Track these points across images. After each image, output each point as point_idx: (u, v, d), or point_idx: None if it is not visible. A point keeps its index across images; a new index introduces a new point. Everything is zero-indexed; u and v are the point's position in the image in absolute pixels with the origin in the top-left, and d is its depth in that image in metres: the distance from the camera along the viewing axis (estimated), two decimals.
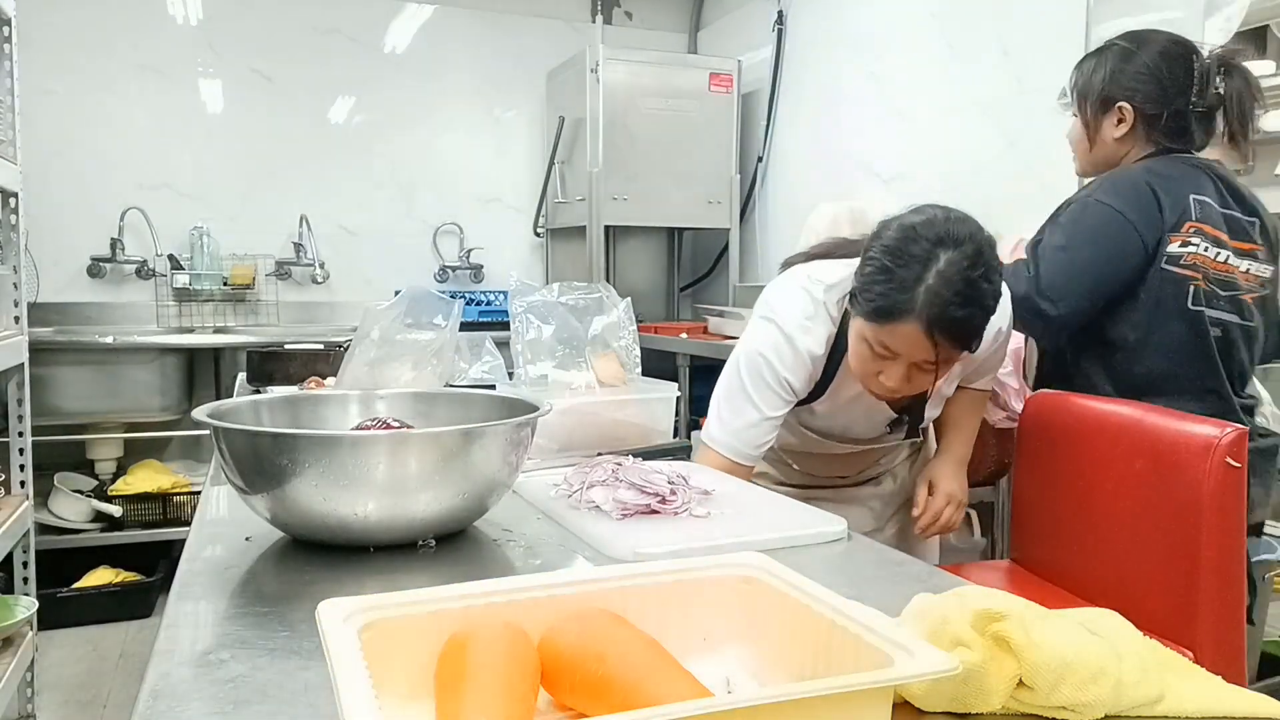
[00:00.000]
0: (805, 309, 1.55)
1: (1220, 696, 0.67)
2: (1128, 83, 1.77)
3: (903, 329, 1.34)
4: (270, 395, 1.43)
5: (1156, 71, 1.76)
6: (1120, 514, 1.61)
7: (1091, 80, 1.83)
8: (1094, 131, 1.83)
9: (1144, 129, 1.77)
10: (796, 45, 3.85)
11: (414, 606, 0.63)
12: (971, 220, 1.38)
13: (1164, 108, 1.75)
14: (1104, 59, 1.83)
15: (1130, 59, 1.79)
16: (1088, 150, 1.86)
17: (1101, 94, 1.81)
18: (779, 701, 0.51)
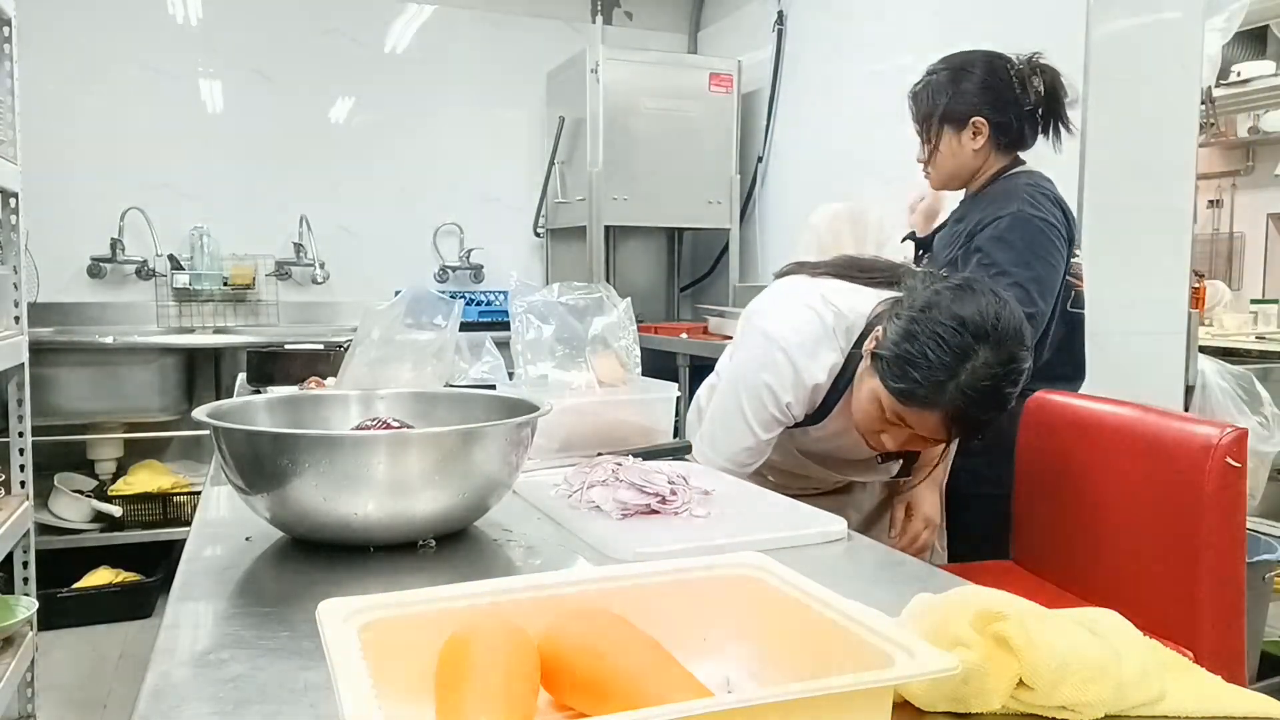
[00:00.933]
0: (813, 333, 1.51)
1: (1220, 696, 0.67)
2: (974, 99, 1.94)
3: (924, 414, 1.35)
4: (270, 395, 1.43)
5: (992, 84, 1.94)
6: (1120, 514, 1.61)
7: (937, 103, 1.97)
8: (947, 148, 1.98)
9: (995, 138, 1.95)
10: (796, 45, 3.85)
11: (414, 606, 0.63)
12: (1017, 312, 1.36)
13: (1007, 115, 1.93)
14: (941, 84, 1.98)
15: (966, 78, 1.96)
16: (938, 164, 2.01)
17: (953, 114, 1.96)
18: (779, 701, 0.51)
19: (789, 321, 1.54)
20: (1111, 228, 2.58)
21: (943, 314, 1.33)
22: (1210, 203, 4.87)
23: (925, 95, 1.99)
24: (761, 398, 1.52)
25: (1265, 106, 4.40)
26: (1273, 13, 4.03)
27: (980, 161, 1.97)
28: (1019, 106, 1.94)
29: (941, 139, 1.97)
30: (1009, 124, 1.94)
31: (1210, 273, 4.72)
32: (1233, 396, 2.79)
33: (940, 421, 1.35)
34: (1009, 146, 1.98)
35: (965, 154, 1.97)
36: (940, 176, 2.03)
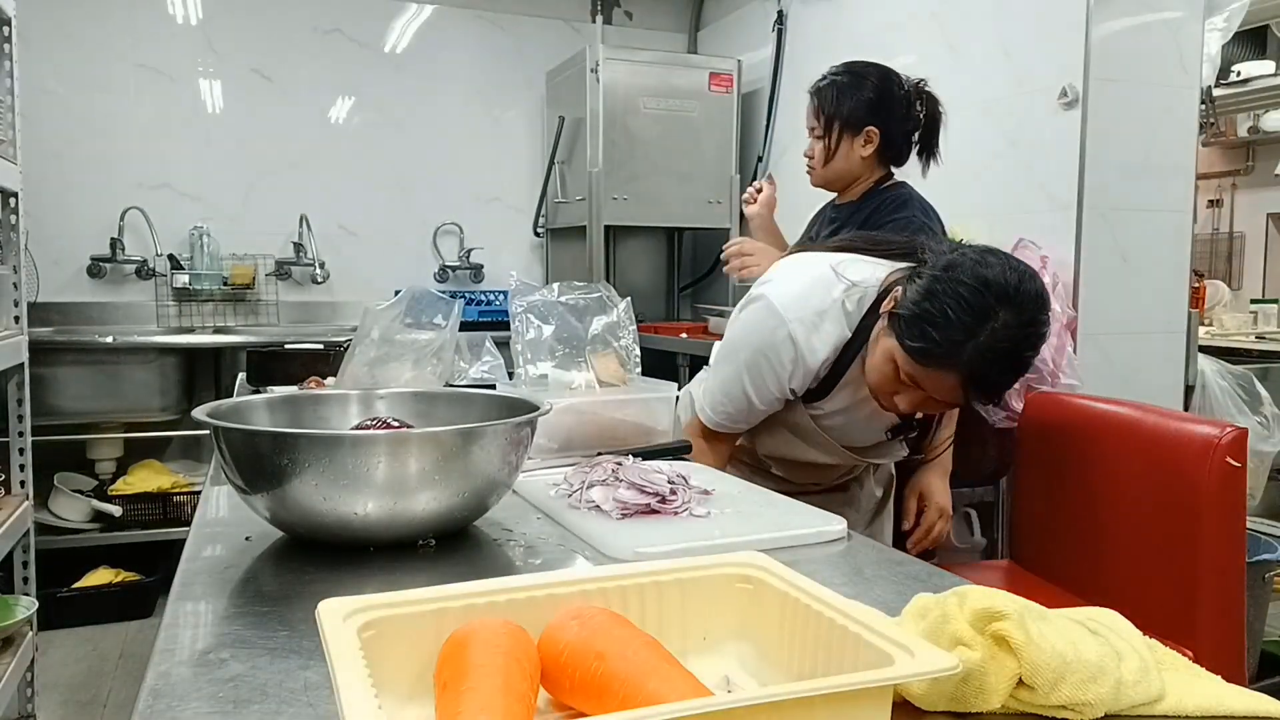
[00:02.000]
0: (817, 305, 1.50)
1: (1220, 695, 0.67)
2: (871, 109, 2.05)
3: (939, 375, 1.34)
4: (270, 395, 1.43)
5: (886, 99, 2.06)
6: (1120, 514, 1.61)
7: (840, 106, 2.06)
8: (838, 150, 2.07)
9: (883, 150, 2.07)
10: (796, 45, 3.85)
11: (414, 606, 0.63)
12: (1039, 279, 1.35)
13: (895, 130, 2.06)
14: (845, 88, 2.07)
15: (867, 88, 2.06)
16: (824, 164, 2.10)
17: (853, 118, 2.05)
18: (779, 700, 0.51)
19: (793, 290, 1.53)
20: (1111, 228, 2.58)
21: (965, 274, 1.32)
22: (1210, 203, 4.87)
23: (830, 95, 2.07)
24: (762, 373, 1.52)
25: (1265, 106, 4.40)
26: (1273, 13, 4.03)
27: (865, 169, 2.09)
28: (904, 124, 2.08)
29: (840, 142, 2.07)
30: (895, 138, 2.07)
31: (1210, 273, 4.73)
32: (1233, 396, 2.79)
33: (956, 383, 1.33)
34: (890, 160, 2.11)
35: (855, 159, 2.07)
36: (825, 176, 2.12)
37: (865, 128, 2.05)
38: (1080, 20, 2.51)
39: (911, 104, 2.09)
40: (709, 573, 0.71)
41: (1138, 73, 2.57)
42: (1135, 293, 2.63)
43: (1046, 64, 2.63)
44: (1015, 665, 0.65)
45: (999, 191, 2.82)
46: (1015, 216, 2.74)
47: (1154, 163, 2.61)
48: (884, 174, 2.13)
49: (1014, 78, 2.76)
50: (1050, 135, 2.62)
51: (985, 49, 2.87)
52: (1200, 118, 2.71)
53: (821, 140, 2.08)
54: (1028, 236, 2.63)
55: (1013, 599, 0.68)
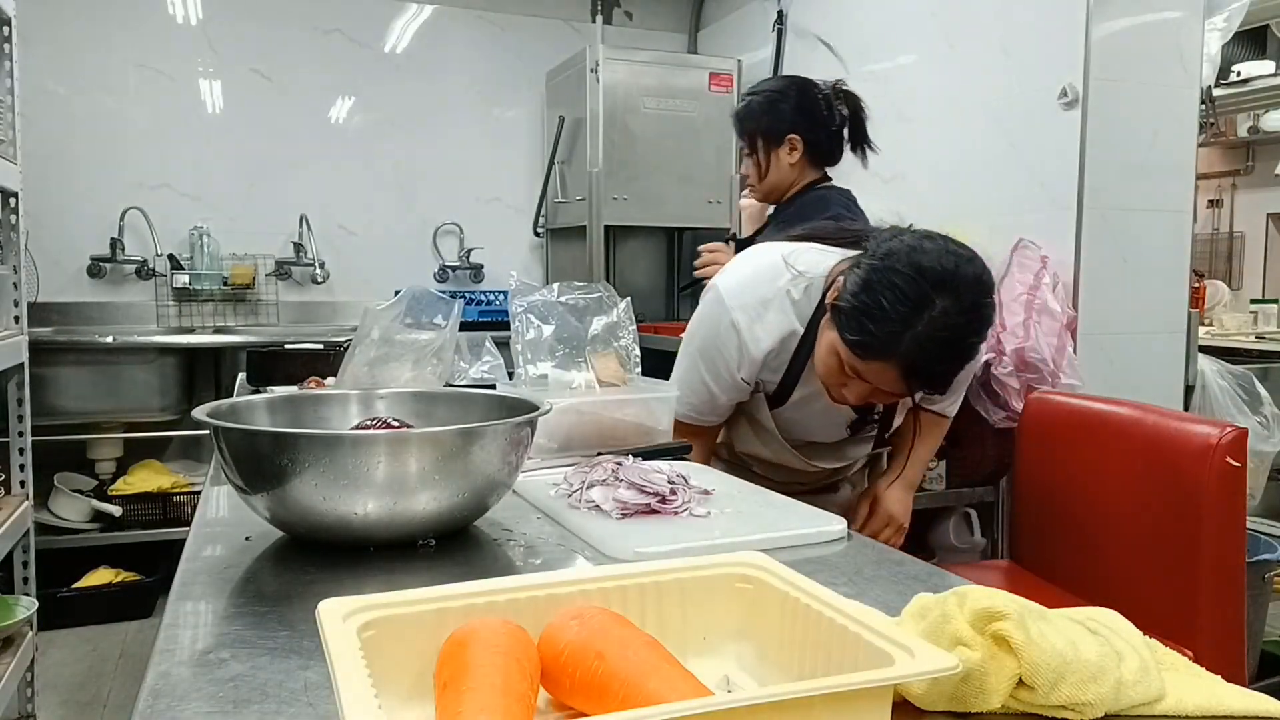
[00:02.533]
0: (762, 293, 1.50)
1: (1220, 695, 0.67)
2: (791, 118, 2.18)
3: (880, 366, 1.32)
4: (270, 395, 1.43)
5: (804, 106, 2.19)
6: (1120, 514, 1.61)
7: (760, 122, 2.20)
8: (769, 163, 2.21)
9: (809, 154, 2.21)
10: (796, 45, 3.85)
11: (414, 606, 0.63)
12: (979, 261, 1.32)
13: (818, 133, 2.20)
14: (761, 105, 2.20)
15: (784, 99, 2.20)
16: (760, 180, 2.24)
17: (773, 130, 2.19)
18: (778, 700, 0.51)
19: (739, 279, 1.54)
20: (1111, 228, 2.58)
21: (900, 263, 1.29)
22: (1210, 203, 4.87)
23: (749, 114, 2.22)
24: (715, 364, 1.54)
25: (1265, 106, 4.40)
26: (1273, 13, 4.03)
27: (796, 175, 2.23)
28: (827, 126, 2.20)
29: (766, 154, 2.21)
30: (819, 141, 2.20)
31: (1210, 273, 4.73)
32: (1233, 396, 2.79)
33: (897, 374, 1.31)
34: (820, 162, 2.25)
35: (785, 168, 2.21)
36: (765, 190, 2.27)
37: (787, 136, 2.19)
38: (1080, 20, 2.51)
39: (831, 105, 2.20)
40: (709, 573, 0.71)
41: (1138, 73, 2.57)
42: (1135, 293, 2.63)
43: (1046, 64, 2.63)
44: (1015, 665, 0.65)
45: (999, 191, 2.82)
46: (1015, 216, 2.74)
47: (1154, 163, 2.61)
48: (817, 176, 2.26)
49: (1014, 78, 2.76)
50: (1050, 135, 2.62)
51: (985, 49, 2.87)
52: (1200, 118, 2.71)
53: (753, 157, 2.23)
54: (1028, 236, 2.63)
55: (1013, 599, 0.68)
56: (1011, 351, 2.49)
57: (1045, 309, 2.48)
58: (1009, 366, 2.49)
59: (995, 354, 2.54)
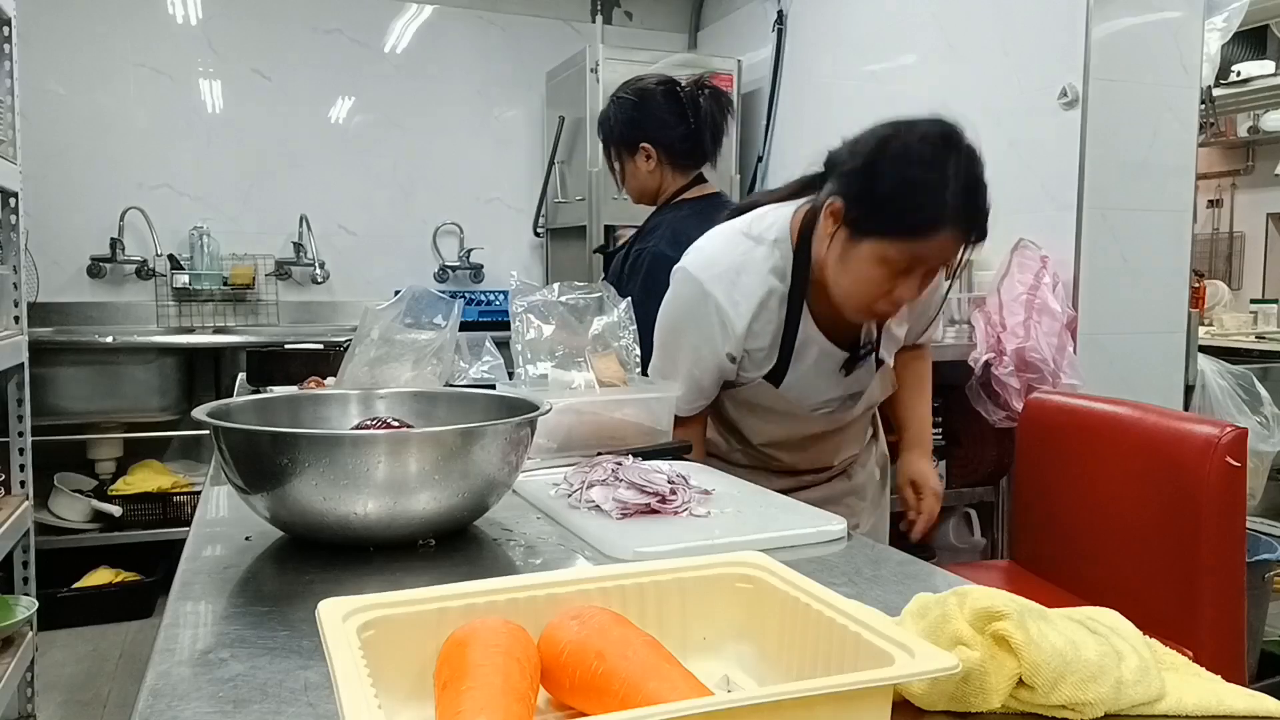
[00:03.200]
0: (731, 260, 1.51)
1: (1220, 695, 0.67)
2: (644, 125, 2.14)
3: (940, 237, 1.35)
4: (270, 395, 1.43)
5: (660, 109, 2.14)
6: (1120, 514, 1.61)
7: (612, 134, 2.18)
8: (629, 171, 2.20)
9: (667, 158, 2.15)
10: (796, 45, 3.85)
11: (414, 605, 0.63)
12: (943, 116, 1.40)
13: (673, 138, 2.13)
14: (618, 111, 2.17)
15: (638, 107, 2.15)
16: (626, 185, 2.24)
17: (625, 141, 2.16)
18: (778, 700, 0.51)
19: (704, 254, 1.55)
20: (1111, 228, 2.58)
21: (897, 144, 1.36)
22: (1210, 203, 4.87)
23: (604, 126, 2.21)
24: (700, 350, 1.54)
25: (1265, 106, 4.40)
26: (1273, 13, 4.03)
27: (658, 181, 2.18)
28: (679, 129, 2.13)
29: (624, 163, 2.20)
30: (674, 146, 2.14)
31: (1210, 273, 4.73)
32: (1233, 396, 2.79)
33: (958, 235, 1.36)
34: (684, 166, 2.17)
35: (643, 175, 2.18)
36: (631, 195, 2.27)
37: (640, 145, 2.15)
38: (1080, 20, 2.51)
39: (695, 103, 2.14)
40: (709, 572, 0.71)
41: (1138, 73, 2.57)
42: (1135, 293, 2.63)
43: (1046, 64, 2.63)
44: (1015, 665, 0.65)
45: (999, 191, 2.79)
46: (1015, 216, 2.74)
47: (1154, 163, 2.61)
48: (687, 180, 2.19)
49: (1014, 78, 2.76)
50: (1050, 135, 2.62)
51: (985, 49, 2.87)
52: (1200, 118, 2.71)
53: (614, 167, 2.24)
54: (1028, 236, 2.63)
55: (1013, 599, 0.68)
56: (1011, 351, 2.49)
57: (1045, 309, 2.48)
58: (1009, 366, 2.49)
59: (995, 354, 2.54)
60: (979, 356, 2.59)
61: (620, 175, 2.23)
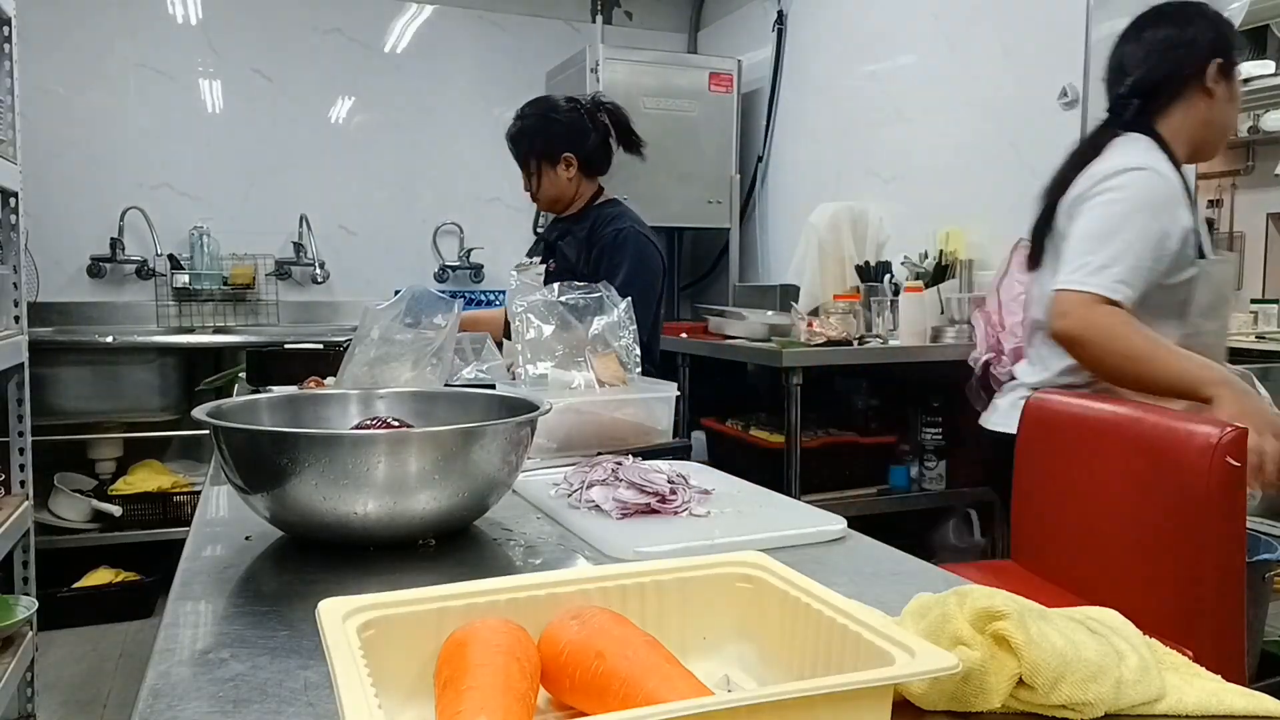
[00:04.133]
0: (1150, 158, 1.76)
1: (1220, 694, 0.67)
2: (561, 139, 2.38)
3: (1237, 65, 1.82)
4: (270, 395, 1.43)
5: (573, 124, 2.38)
6: (1120, 514, 1.61)
7: (534, 146, 2.40)
8: (547, 180, 2.42)
9: (583, 168, 2.41)
10: (796, 45, 3.85)
11: (414, 605, 0.63)
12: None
13: (588, 148, 2.40)
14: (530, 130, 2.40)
15: (554, 123, 2.38)
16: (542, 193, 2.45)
17: (548, 151, 2.39)
18: (779, 700, 0.51)
19: (1138, 155, 1.76)
20: None
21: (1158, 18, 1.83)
22: (1210, 203, 4.87)
23: (522, 139, 2.41)
24: (1167, 227, 1.69)
25: (1265, 106, 4.39)
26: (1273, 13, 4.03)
27: (575, 187, 2.44)
28: (593, 139, 2.40)
29: (542, 173, 2.41)
30: (590, 155, 2.40)
31: None
32: None
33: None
34: (593, 173, 2.45)
35: (562, 183, 2.42)
36: (544, 203, 2.50)
37: (562, 155, 2.38)
38: (1080, 20, 2.51)
39: (594, 118, 2.41)
40: (709, 572, 0.71)
41: None
42: None
43: (1046, 64, 2.63)
44: (1015, 664, 0.65)
45: (999, 191, 2.82)
46: (1015, 216, 2.73)
47: None
48: (596, 188, 2.48)
49: (1014, 78, 2.76)
50: (1050, 135, 2.62)
51: (985, 49, 2.87)
52: None
53: (532, 177, 2.43)
54: (1027, 237, 2.63)
55: (1012, 598, 0.68)
56: (1011, 351, 2.49)
57: None
58: (1009, 366, 2.49)
59: (995, 354, 2.54)
60: (979, 356, 2.59)
61: (536, 184, 2.42)
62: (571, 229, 2.45)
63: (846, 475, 2.80)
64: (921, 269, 2.93)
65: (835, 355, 2.65)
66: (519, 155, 2.43)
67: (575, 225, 2.45)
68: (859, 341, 2.75)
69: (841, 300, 2.93)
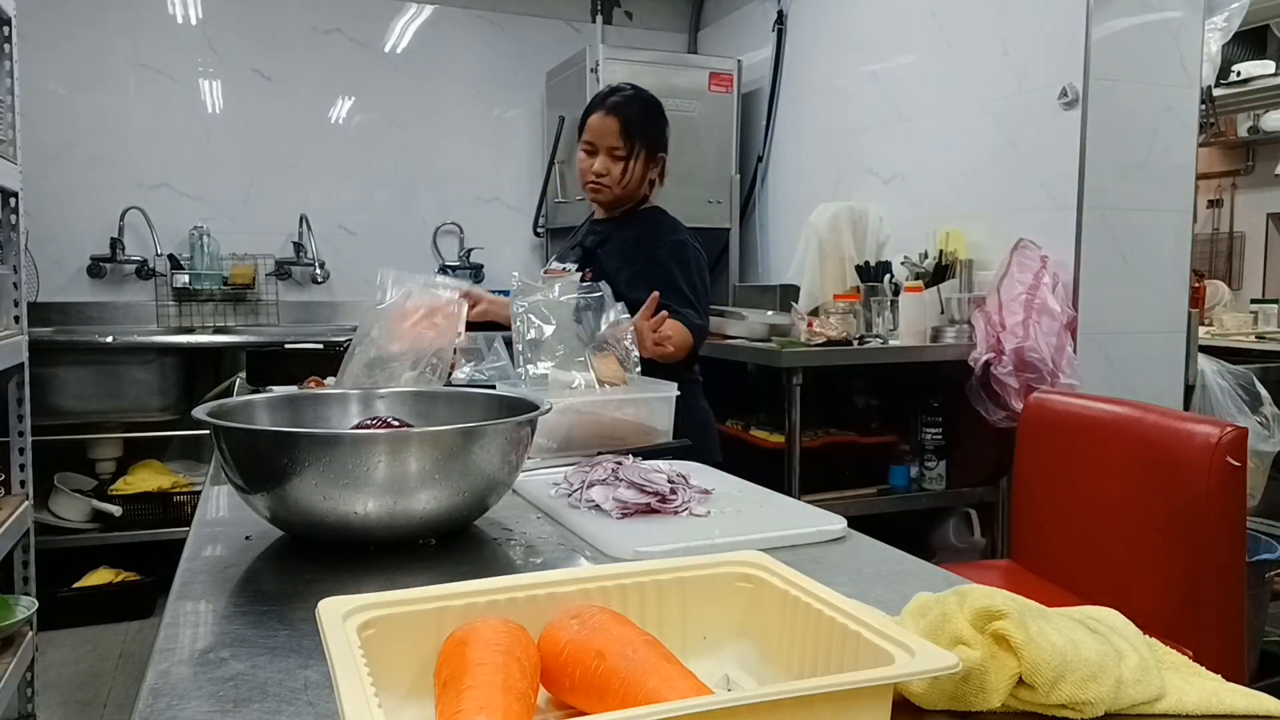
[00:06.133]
0: None
1: (1220, 694, 0.67)
2: (663, 136, 2.13)
3: None
4: (270, 395, 1.43)
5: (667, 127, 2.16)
6: (1120, 514, 1.61)
7: (646, 131, 2.09)
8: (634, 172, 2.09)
9: (660, 176, 2.17)
10: (796, 45, 3.85)
11: (414, 605, 0.63)
12: None
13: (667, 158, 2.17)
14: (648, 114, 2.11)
15: (659, 116, 2.13)
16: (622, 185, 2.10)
17: (655, 144, 2.11)
18: (779, 699, 0.51)
19: None
20: (1111, 228, 2.58)
21: None
22: (1210, 203, 4.87)
23: (638, 117, 2.08)
24: None
25: (1265, 106, 4.39)
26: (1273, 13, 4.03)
27: (644, 193, 2.15)
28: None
29: (634, 163, 2.08)
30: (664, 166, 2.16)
31: (1210, 273, 4.72)
32: (1233, 396, 2.79)
33: None
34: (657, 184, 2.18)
35: (641, 181, 2.11)
36: (614, 192, 2.11)
37: (658, 154, 2.13)
38: (1080, 20, 2.52)
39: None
40: (709, 572, 0.71)
41: (1138, 73, 2.57)
42: (1135, 293, 2.63)
43: (1046, 64, 2.63)
44: (1015, 664, 0.65)
45: (999, 191, 2.82)
46: (1015, 216, 2.74)
47: (1154, 163, 2.61)
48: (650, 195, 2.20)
49: (1014, 78, 2.76)
50: (1050, 135, 2.62)
51: (985, 49, 2.87)
52: (1200, 118, 2.71)
53: (623, 161, 2.07)
54: (1028, 236, 2.64)
55: (1012, 598, 0.68)
56: (1011, 351, 2.49)
57: (1045, 309, 2.48)
58: (1009, 366, 2.49)
59: (995, 354, 2.54)
60: (979, 356, 2.59)
61: (622, 171, 2.08)
62: (613, 234, 2.15)
63: (846, 475, 2.80)
64: (921, 269, 2.93)
65: (835, 355, 2.65)
66: (626, 133, 2.06)
67: (618, 231, 2.15)
68: (859, 341, 2.75)
69: (841, 300, 2.93)
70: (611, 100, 2.10)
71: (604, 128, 2.07)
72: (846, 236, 3.25)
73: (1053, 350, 2.43)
